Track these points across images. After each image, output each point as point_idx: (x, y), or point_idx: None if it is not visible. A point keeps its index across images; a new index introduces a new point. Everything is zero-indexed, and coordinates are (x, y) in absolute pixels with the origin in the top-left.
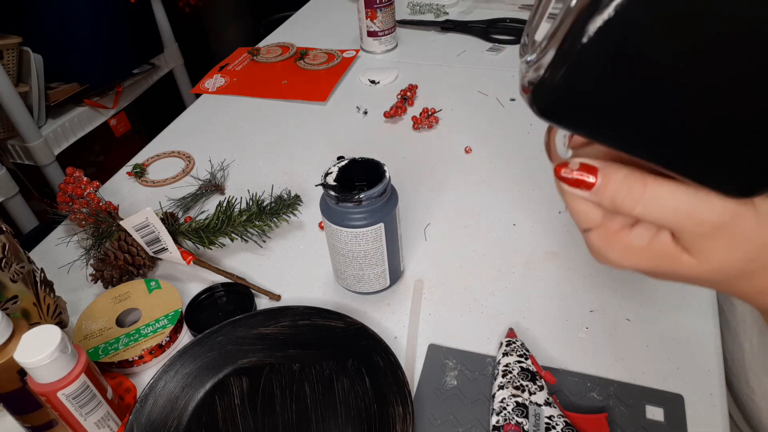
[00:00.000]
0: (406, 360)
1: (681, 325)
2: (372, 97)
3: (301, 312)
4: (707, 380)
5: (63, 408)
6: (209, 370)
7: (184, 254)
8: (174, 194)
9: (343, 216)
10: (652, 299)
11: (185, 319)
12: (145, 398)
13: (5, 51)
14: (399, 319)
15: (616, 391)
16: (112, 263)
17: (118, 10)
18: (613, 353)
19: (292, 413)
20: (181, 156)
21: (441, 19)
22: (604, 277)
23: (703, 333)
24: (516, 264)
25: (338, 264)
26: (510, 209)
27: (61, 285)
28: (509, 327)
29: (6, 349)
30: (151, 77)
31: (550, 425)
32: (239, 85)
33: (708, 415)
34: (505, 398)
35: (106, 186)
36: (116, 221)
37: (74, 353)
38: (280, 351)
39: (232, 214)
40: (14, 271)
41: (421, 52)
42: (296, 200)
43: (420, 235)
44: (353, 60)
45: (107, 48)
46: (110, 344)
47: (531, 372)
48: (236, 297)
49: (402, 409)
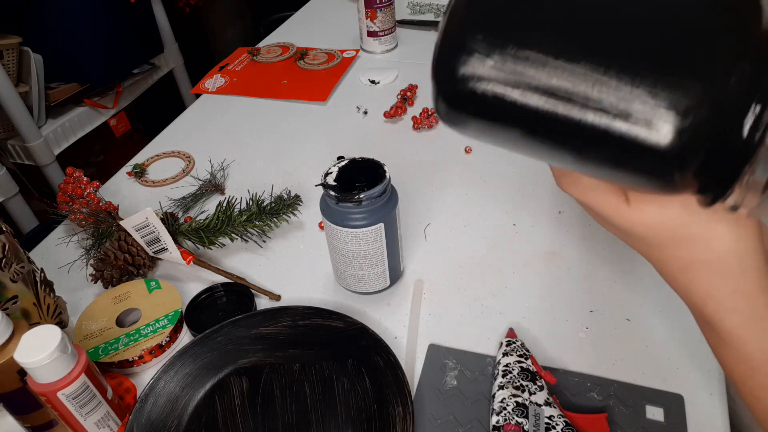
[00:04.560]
0: (406, 360)
1: (681, 325)
2: (372, 97)
3: (301, 312)
4: (707, 380)
5: (63, 408)
6: (209, 370)
7: (184, 254)
8: (174, 194)
9: (343, 216)
10: (652, 299)
11: (185, 319)
12: (145, 398)
13: (5, 51)
14: (399, 319)
15: (616, 391)
16: (112, 263)
17: (118, 10)
18: (613, 353)
19: (292, 413)
20: (181, 156)
21: None
22: (604, 277)
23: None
24: (516, 264)
25: (338, 264)
26: (510, 209)
27: (61, 285)
28: (509, 327)
29: (6, 349)
30: (151, 77)
31: (550, 425)
32: (239, 85)
33: (708, 415)
34: (505, 398)
35: (106, 186)
36: (116, 221)
37: (74, 353)
38: (280, 351)
39: (232, 214)
40: (14, 271)
41: (421, 52)
42: (296, 200)
43: (420, 235)
44: (353, 60)
45: (107, 48)
46: (110, 344)
47: (531, 372)
48: (236, 297)
49: (402, 409)
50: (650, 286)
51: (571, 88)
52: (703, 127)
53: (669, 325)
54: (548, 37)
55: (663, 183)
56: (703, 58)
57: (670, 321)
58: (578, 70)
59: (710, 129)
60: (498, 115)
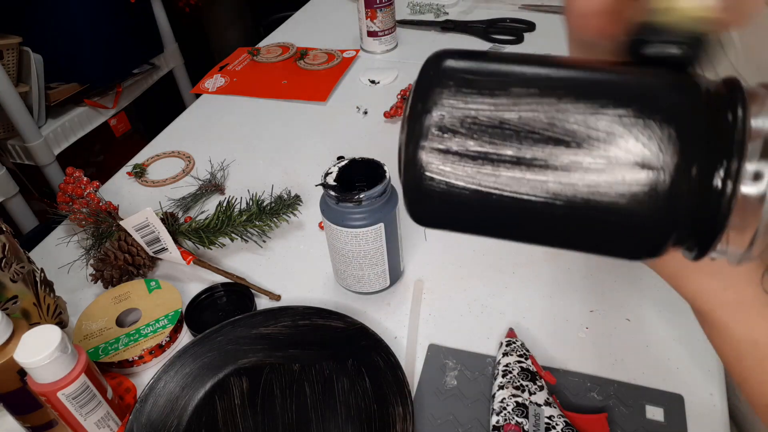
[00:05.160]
0: (406, 360)
1: (681, 325)
2: (372, 97)
3: (301, 312)
4: (707, 380)
5: (63, 408)
6: (209, 370)
7: (184, 254)
8: (174, 194)
9: (343, 216)
10: (652, 299)
11: (185, 319)
12: (145, 398)
13: (5, 51)
14: (399, 319)
15: (616, 391)
16: (112, 263)
17: (118, 10)
18: (613, 353)
19: (292, 413)
20: (181, 156)
21: (441, 19)
22: (604, 277)
23: (703, 333)
24: (516, 264)
25: (338, 264)
26: None
27: (61, 285)
28: (509, 327)
29: (6, 349)
30: (151, 77)
31: (550, 425)
32: (239, 85)
33: (708, 415)
34: (505, 398)
35: (106, 186)
36: (116, 221)
37: (74, 353)
38: (280, 351)
39: (232, 214)
40: (14, 271)
41: (421, 52)
42: (296, 200)
43: (420, 235)
44: (353, 60)
45: (107, 48)
46: (110, 344)
47: (531, 372)
48: (236, 297)
49: (402, 409)
50: (650, 286)
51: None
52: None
53: (669, 325)
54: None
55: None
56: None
57: (670, 321)
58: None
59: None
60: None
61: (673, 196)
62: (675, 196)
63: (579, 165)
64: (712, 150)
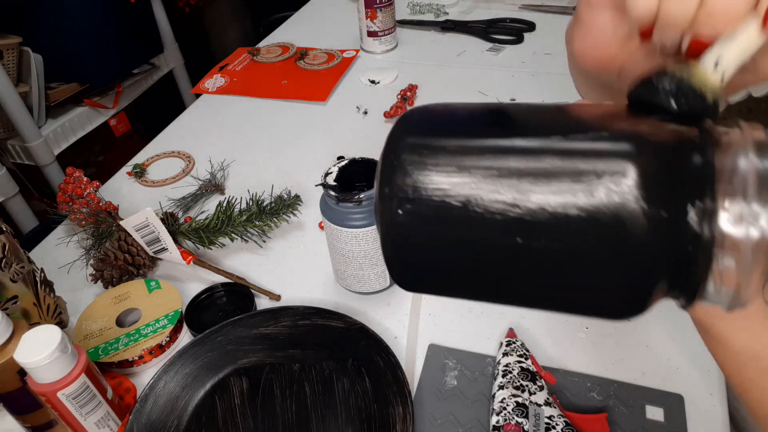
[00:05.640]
0: (406, 360)
1: (681, 325)
2: (372, 97)
3: (301, 312)
4: (707, 380)
5: (63, 408)
6: (209, 370)
7: (184, 254)
8: (174, 194)
9: (343, 216)
10: None
11: (185, 319)
12: (145, 398)
13: (5, 51)
14: (399, 319)
15: (616, 391)
16: (112, 263)
17: (118, 10)
18: (613, 353)
19: (292, 413)
20: (181, 156)
21: (441, 19)
22: None
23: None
24: None
25: (338, 264)
26: None
27: (61, 285)
28: (509, 327)
29: (6, 349)
30: (151, 77)
31: (550, 425)
32: (239, 85)
33: (708, 415)
34: (505, 398)
35: (106, 186)
36: (116, 221)
37: (74, 353)
38: (280, 351)
39: (232, 214)
40: (14, 271)
41: (421, 52)
42: (296, 200)
43: None
44: (353, 60)
45: (107, 48)
46: (110, 344)
47: (531, 372)
48: (236, 297)
49: (402, 409)
50: None
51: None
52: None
53: (669, 325)
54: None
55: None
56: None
57: (670, 321)
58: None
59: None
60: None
61: (646, 246)
62: (648, 245)
63: (552, 243)
64: (681, 193)
